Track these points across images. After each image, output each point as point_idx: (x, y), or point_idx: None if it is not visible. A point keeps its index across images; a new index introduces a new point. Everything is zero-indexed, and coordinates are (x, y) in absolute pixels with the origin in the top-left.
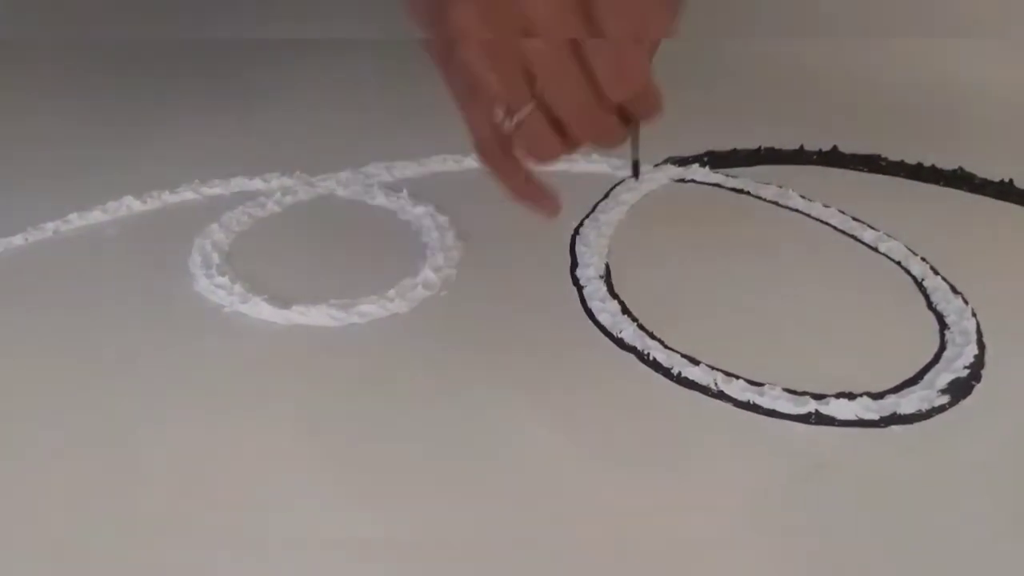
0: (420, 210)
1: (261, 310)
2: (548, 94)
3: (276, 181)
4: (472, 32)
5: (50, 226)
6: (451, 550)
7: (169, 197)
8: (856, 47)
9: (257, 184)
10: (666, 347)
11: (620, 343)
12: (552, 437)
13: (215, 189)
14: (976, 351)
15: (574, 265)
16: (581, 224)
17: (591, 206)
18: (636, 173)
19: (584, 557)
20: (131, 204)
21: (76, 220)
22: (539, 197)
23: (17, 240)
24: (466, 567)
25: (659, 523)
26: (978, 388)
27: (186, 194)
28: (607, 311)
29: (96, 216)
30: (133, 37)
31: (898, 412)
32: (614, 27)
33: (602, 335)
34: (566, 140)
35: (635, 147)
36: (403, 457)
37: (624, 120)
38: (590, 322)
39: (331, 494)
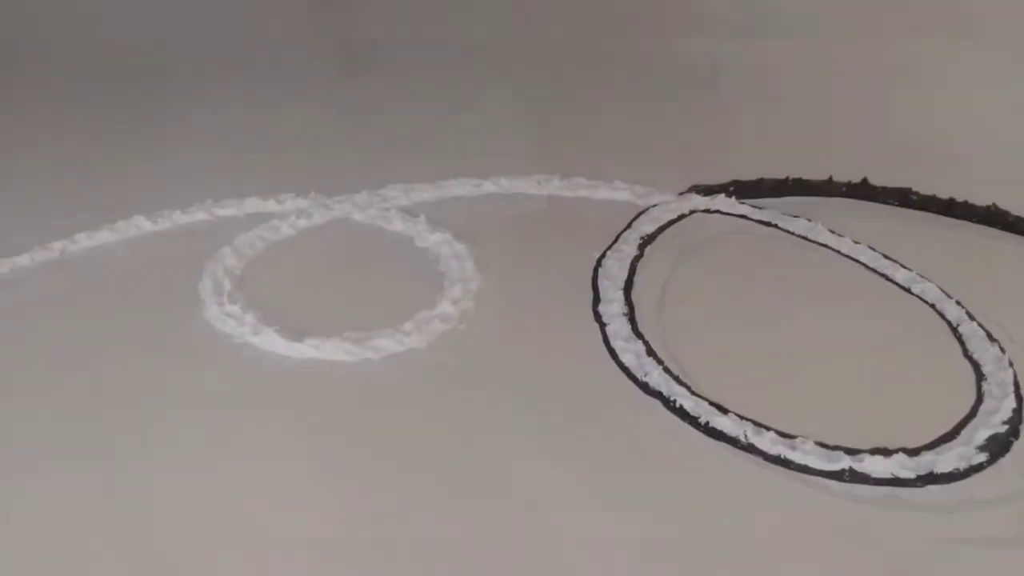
0: (438, 237)
1: (273, 342)
2: None
3: (291, 203)
4: None
5: (57, 246)
6: None
7: (181, 217)
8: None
9: (271, 205)
10: (693, 393)
11: (645, 387)
12: (569, 484)
13: (228, 210)
14: (1014, 404)
15: (596, 300)
16: (603, 255)
17: (614, 236)
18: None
19: None
20: (141, 224)
21: (84, 240)
22: None
23: (23, 260)
24: None
25: None
26: (1017, 445)
27: (198, 214)
28: (631, 351)
29: (105, 236)
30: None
31: (935, 471)
32: None
33: (625, 377)
34: None
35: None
36: (414, 500)
37: None
38: (613, 363)
39: (340, 534)
